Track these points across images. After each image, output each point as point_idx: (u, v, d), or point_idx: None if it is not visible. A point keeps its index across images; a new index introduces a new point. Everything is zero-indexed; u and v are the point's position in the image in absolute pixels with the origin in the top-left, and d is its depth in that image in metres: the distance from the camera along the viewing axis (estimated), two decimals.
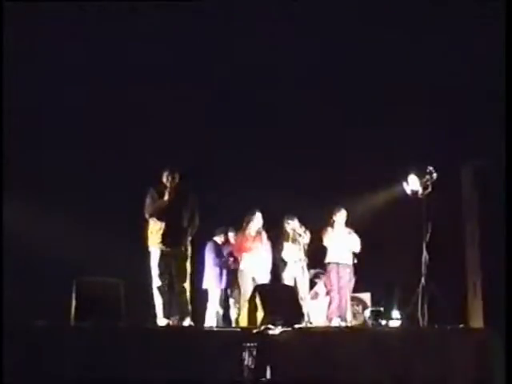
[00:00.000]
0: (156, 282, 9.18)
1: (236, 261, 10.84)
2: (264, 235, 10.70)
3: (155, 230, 9.18)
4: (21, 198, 10.38)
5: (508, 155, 8.74)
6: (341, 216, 10.90)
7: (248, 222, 10.63)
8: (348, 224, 10.94)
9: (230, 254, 11.07)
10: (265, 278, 10.57)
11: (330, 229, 10.88)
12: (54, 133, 11.22)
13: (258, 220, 10.62)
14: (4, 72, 9.33)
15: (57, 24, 10.68)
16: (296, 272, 10.80)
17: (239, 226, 10.96)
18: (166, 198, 9.16)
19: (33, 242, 10.79)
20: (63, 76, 10.99)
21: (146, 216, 9.26)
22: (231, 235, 11.35)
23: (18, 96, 10.21)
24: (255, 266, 10.56)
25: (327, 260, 10.91)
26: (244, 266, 10.60)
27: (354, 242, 10.84)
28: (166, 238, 9.12)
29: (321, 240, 10.89)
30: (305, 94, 11.80)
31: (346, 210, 10.97)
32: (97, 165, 11.47)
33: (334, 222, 10.93)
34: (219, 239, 11.37)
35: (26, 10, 10.17)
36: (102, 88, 11.14)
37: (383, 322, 10.44)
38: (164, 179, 9.26)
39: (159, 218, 9.17)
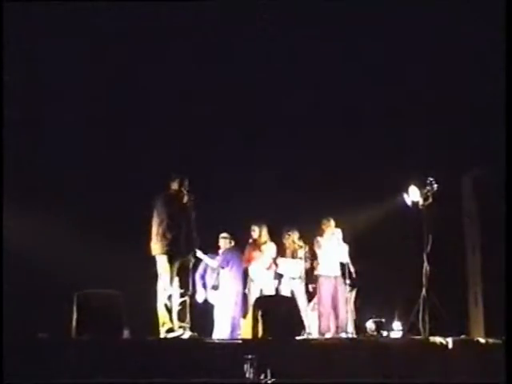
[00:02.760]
0: (165, 290, 9.07)
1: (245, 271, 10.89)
2: (272, 246, 10.77)
3: (171, 235, 9.07)
4: (19, 210, 10.35)
5: (508, 163, 8.72)
6: (329, 226, 10.80)
7: (254, 233, 10.73)
8: (346, 234, 10.89)
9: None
10: (271, 289, 10.62)
11: (319, 238, 10.81)
12: (53, 142, 11.25)
13: (264, 231, 10.71)
14: (4, 73, 9.34)
15: (57, 24, 10.69)
16: (293, 285, 10.82)
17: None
18: (185, 201, 9.15)
19: (34, 255, 10.77)
20: (64, 77, 11.00)
21: (165, 220, 9.11)
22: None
23: (18, 98, 10.22)
24: (264, 277, 10.62)
25: (317, 272, 10.82)
26: (253, 276, 10.65)
27: (342, 253, 10.74)
28: (177, 246, 9.06)
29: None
30: (304, 105, 11.82)
31: (346, 220, 10.93)
32: (96, 173, 11.48)
33: (323, 231, 10.85)
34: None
35: (26, 10, 10.18)
36: (102, 92, 11.18)
37: (384, 333, 10.43)
38: (175, 186, 9.25)
39: (175, 224, 9.10)
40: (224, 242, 11.06)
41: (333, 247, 10.70)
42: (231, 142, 11.86)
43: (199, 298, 10.84)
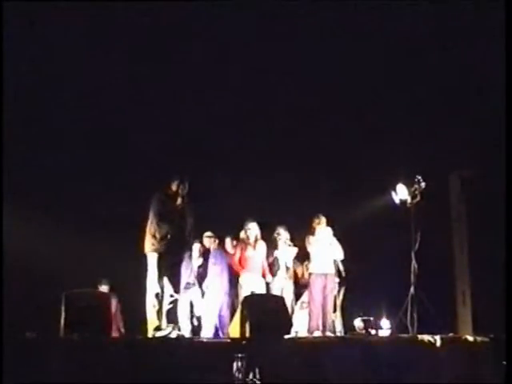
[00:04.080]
0: (152, 288, 9.05)
1: (235, 271, 10.87)
2: (262, 244, 10.78)
3: (160, 234, 9.09)
4: (10, 209, 10.32)
5: (508, 163, 8.73)
6: (321, 224, 10.78)
7: (246, 232, 10.72)
8: (335, 233, 10.88)
9: (230, 265, 11.05)
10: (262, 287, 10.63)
11: (311, 237, 10.78)
12: (48, 142, 11.23)
13: (254, 228, 10.70)
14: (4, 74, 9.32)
15: (57, 24, 10.67)
16: (282, 284, 10.83)
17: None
18: (179, 202, 9.17)
19: (23, 254, 10.76)
20: (65, 77, 10.98)
21: (154, 219, 9.14)
22: (227, 242, 11.35)
23: (18, 99, 10.20)
24: (254, 275, 10.65)
25: (310, 270, 10.80)
26: (243, 275, 10.66)
27: (336, 251, 10.75)
28: (166, 245, 9.05)
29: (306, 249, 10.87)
30: (298, 105, 11.84)
31: (333, 218, 10.92)
32: (90, 175, 11.47)
33: (314, 229, 10.84)
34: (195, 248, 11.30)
35: (26, 10, 10.16)
36: (103, 93, 11.16)
37: (373, 332, 10.46)
38: (174, 187, 9.25)
39: (166, 222, 9.11)
40: (209, 241, 11.10)
41: (324, 245, 10.70)
42: (220, 141, 11.86)
43: None
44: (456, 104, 11.28)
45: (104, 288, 11.23)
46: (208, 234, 11.12)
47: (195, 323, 11.09)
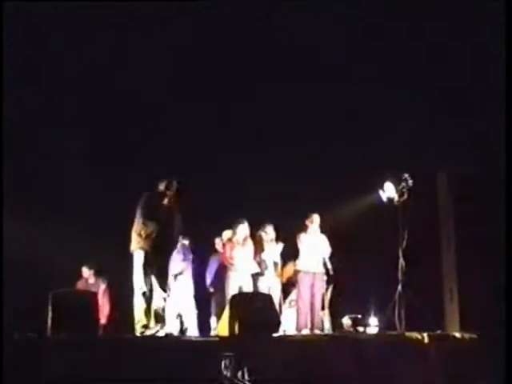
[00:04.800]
0: (139, 287, 9.05)
1: (225, 269, 10.86)
2: (250, 243, 10.75)
3: (146, 233, 9.09)
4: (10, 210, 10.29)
5: (508, 161, 8.74)
6: (313, 222, 10.78)
7: (235, 230, 10.69)
8: (324, 231, 10.89)
9: (221, 264, 11.04)
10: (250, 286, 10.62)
11: (302, 234, 10.78)
12: (47, 141, 11.22)
13: (245, 228, 10.68)
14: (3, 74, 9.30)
15: (57, 24, 10.64)
16: (270, 282, 10.82)
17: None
18: (166, 202, 9.15)
19: (24, 254, 10.76)
20: (65, 77, 10.94)
21: (141, 217, 9.15)
22: (217, 242, 11.33)
23: (18, 98, 10.18)
24: (243, 274, 10.61)
25: (297, 267, 10.82)
26: (232, 274, 10.64)
27: (324, 248, 10.75)
28: (152, 244, 9.05)
29: (296, 247, 10.87)
30: (287, 104, 11.85)
31: (321, 216, 10.91)
32: (90, 175, 11.47)
33: (306, 227, 10.85)
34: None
35: (26, 10, 10.13)
36: (103, 93, 11.14)
37: (361, 329, 10.47)
38: (162, 187, 9.25)
39: (152, 222, 9.09)
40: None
41: (314, 243, 10.71)
42: (208, 143, 11.88)
43: None
44: (444, 103, 11.31)
45: (86, 271, 11.24)
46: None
47: (183, 321, 11.09)
